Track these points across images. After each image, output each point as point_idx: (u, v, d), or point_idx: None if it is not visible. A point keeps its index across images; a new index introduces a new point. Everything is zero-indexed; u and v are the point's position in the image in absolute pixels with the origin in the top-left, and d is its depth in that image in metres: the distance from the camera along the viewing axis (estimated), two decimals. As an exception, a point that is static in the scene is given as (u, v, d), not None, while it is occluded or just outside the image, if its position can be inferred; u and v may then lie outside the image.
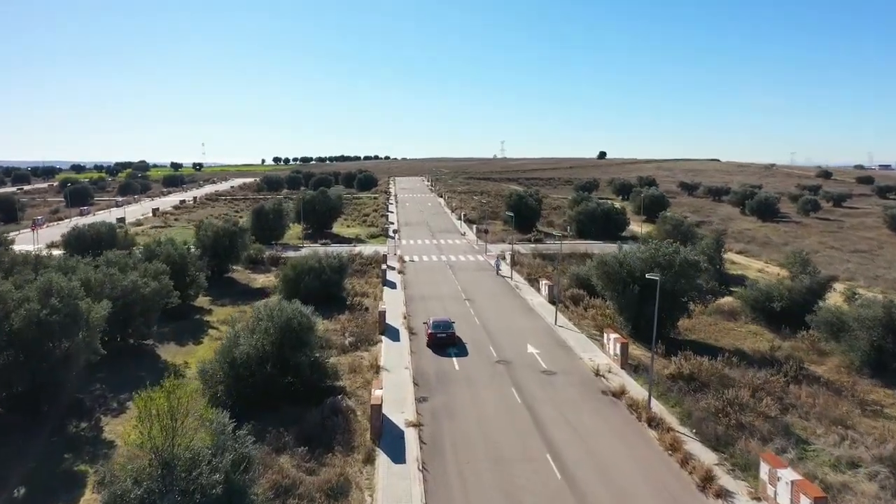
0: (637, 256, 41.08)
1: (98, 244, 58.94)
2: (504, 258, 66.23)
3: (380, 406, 25.99)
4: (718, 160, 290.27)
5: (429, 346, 37.65)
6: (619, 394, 29.91)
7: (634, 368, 33.68)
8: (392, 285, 56.01)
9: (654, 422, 26.53)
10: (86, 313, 29.03)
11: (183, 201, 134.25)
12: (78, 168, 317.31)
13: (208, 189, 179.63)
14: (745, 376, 31.89)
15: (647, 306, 40.28)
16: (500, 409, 28.95)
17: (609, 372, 33.31)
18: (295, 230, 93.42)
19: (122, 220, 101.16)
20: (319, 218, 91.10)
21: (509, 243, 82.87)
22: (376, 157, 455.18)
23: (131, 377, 33.79)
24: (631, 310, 40.90)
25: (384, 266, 59.29)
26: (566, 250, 73.71)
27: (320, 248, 73.99)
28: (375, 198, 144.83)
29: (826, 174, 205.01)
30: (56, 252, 58.58)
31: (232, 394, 28.52)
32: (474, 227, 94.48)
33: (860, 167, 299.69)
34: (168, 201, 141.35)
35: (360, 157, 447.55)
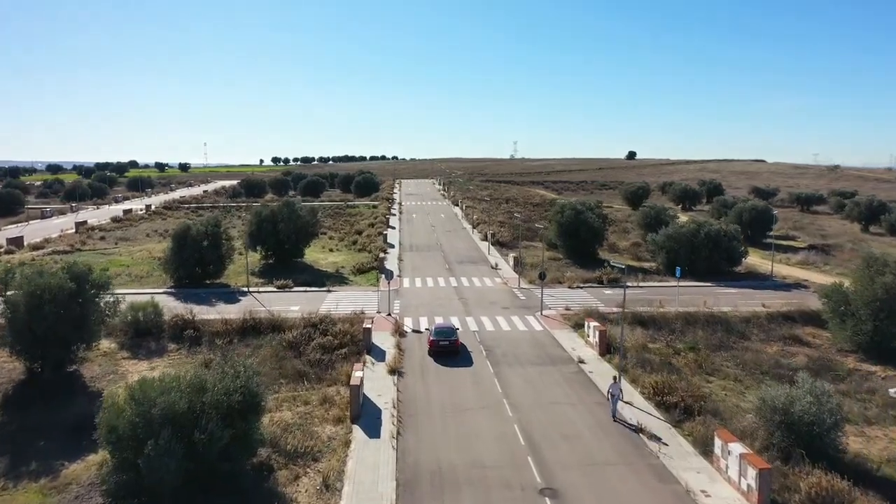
0: None
1: None
2: (609, 354, 36.62)
3: None
4: (764, 161, 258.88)
5: (430, 354, 34.56)
6: None
7: None
8: (373, 420, 26.38)
9: None
10: None
11: (128, 211, 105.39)
12: (54, 168, 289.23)
13: (179, 193, 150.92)
14: None
15: None
16: None
17: None
18: (250, 260, 64.33)
19: (16, 240, 72.49)
20: (284, 242, 61.84)
21: (570, 286, 53.32)
22: (383, 158, 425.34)
23: None
24: None
25: (364, 362, 29.94)
26: (668, 302, 43.98)
27: (266, 301, 44.60)
28: (375, 206, 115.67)
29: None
30: None
31: None
32: (510, 255, 64.90)
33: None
34: (114, 210, 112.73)
35: (365, 158, 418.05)
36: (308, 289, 51.96)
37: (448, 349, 34.70)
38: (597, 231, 64.99)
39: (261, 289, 52.18)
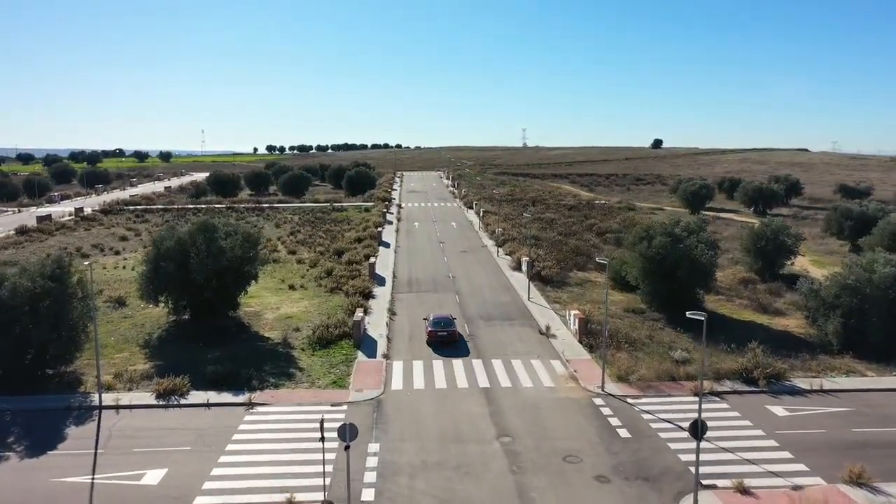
0: None
1: None
2: None
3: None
4: (807, 150, 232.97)
5: (429, 343, 34.88)
6: None
7: None
8: None
9: None
10: None
11: (45, 218, 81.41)
12: (26, 158, 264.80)
13: (140, 190, 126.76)
14: None
15: None
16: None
17: None
18: (150, 316, 40.87)
19: None
20: (203, 288, 37.75)
21: (694, 390, 28.92)
22: (385, 146, 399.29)
23: None
24: None
25: None
26: None
27: (123, 437, 20.23)
28: (367, 210, 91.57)
29: None
30: None
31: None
32: (569, 310, 40.60)
33: None
34: (42, 213, 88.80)
35: (366, 146, 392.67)
36: (213, 400, 27.96)
37: (447, 339, 34.81)
38: (706, 271, 40.69)
39: (124, 398, 28.15)
